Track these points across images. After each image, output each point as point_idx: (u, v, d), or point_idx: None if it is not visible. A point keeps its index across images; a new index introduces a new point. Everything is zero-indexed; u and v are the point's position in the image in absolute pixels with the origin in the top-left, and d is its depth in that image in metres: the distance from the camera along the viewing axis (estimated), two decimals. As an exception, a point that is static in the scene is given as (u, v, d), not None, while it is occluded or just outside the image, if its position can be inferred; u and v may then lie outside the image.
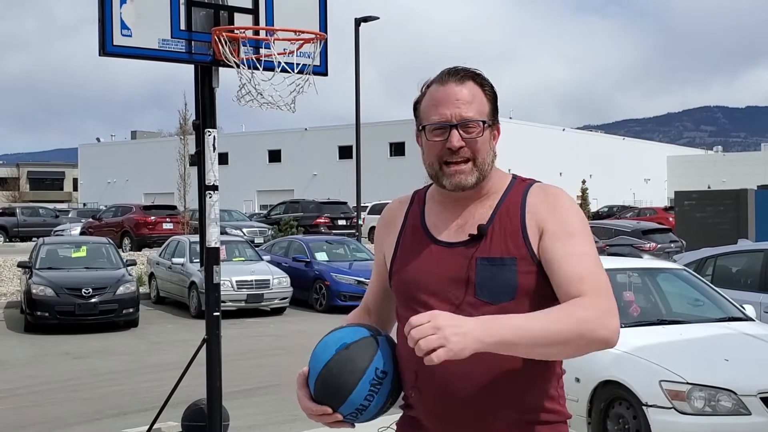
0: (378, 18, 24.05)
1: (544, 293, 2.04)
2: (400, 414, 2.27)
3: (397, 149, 55.78)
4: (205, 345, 5.49)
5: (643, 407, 5.61)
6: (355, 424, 2.14)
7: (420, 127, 2.13)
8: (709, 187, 44.57)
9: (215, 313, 5.41)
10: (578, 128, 75.74)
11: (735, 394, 5.46)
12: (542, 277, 2.04)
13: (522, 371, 2.03)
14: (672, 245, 20.03)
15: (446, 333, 1.77)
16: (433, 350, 1.77)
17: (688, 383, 5.52)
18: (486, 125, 2.08)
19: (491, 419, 2.04)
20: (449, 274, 2.08)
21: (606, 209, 45.18)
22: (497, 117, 2.15)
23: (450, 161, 2.07)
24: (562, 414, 2.13)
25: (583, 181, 41.28)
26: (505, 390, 2.03)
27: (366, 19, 23.65)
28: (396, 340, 2.17)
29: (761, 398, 5.46)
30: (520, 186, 2.16)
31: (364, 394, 2.06)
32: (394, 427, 2.30)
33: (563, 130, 60.84)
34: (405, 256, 2.18)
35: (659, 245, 19.96)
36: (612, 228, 21.99)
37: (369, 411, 2.08)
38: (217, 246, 5.33)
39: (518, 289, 2.03)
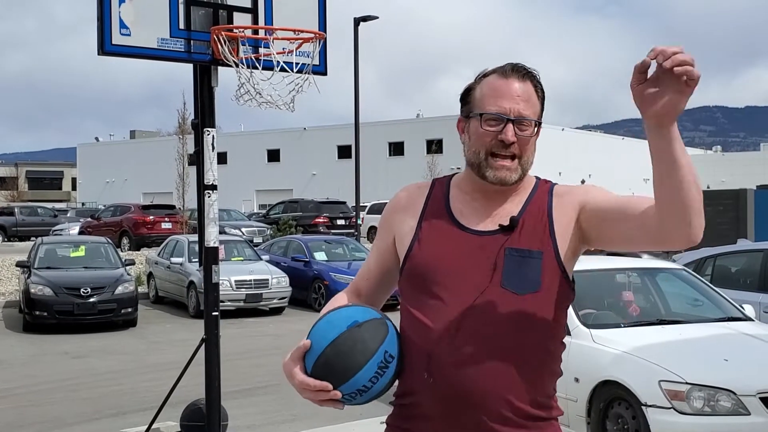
0: (377, 17, 24.05)
1: (563, 292, 2.11)
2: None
3: (396, 149, 55.78)
4: (203, 345, 5.49)
5: (643, 407, 5.61)
6: (345, 406, 2.09)
7: (471, 114, 2.14)
8: (708, 187, 44.56)
9: (214, 313, 5.41)
10: (577, 128, 75.81)
11: (734, 394, 5.46)
12: (563, 275, 2.10)
13: (533, 363, 2.06)
14: (671, 245, 20.02)
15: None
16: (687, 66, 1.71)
17: (687, 383, 5.52)
18: (537, 125, 2.12)
19: (499, 407, 2.04)
20: (475, 261, 2.08)
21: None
22: (541, 117, 2.19)
23: (498, 154, 2.09)
24: (557, 410, 2.17)
25: (583, 181, 41.31)
26: (516, 379, 2.04)
27: (365, 19, 23.64)
28: (401, 325, 2.16)
29: (760, 398, 5.46)
30: (545, 186, 2.21)
31: (370, 376, 2.02)
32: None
33: (562, 129, 60.85)
34: (428, 238, 2.15)
35: (658, 245, 19.96)
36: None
37: (368, 393, 2.05)
38: (216, 246, 5.32)
39: (543, 282, 2.06)
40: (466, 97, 2.18)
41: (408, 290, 2.18)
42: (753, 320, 6.98)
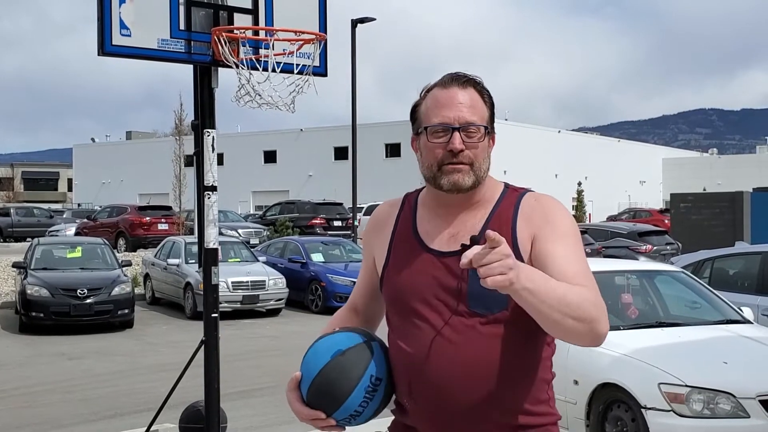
0: (375, 19, 24.05)
1: None
2: (392, 418, 2.26)
3: (393, 150, 55.75)
4: (203, 346, 5.47)
5: (642, 410, 5.60)
6: (346, 427, 2.15)
7: (419, 130, 2.13)
8: (704, 190, 44.65)
9: (213, 315, 5.39)
10: (574, 130, 75.84)
11: (734, 396, 5.46)
12: None
13: (514, 379, 2.06)
14: (668, 247, 20.05)
15: (510, 264, 1.77)
16: (493, 275, 1.77)
17: (686, 386, 5.51)
18: (486, 131, 2.10)
19: (485, 425, 2.06)
20: (442, 284, 2.08)
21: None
22: (494, 125, 2.16)
23: (449, 163, 2.07)
24: (552, 415, 2.16)
25: (579, 183, 41.35)
26: (498, 397, 2.04)
27: (363, 20, 23.65)
28: (388, 346, 2.17)
29: (760, 401, 5.45)
30: (513, 195, 2.16)
31: (359, 401, 2.07)
32: None
33: (559, 132, 60.87)
34: (397, 263, 2.16)
35: (655, 247, 19.98)
36: (608, 230, 21.99)
37: (363, 416, 2.10)
38: (215, 247, 5.30)
39: (510, 299, 1.98)
40: (414, 114, 2.17)
41: (389, 313, 2.22)
42: (751, 323, 6.98)
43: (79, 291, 13.25)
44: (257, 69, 5.04)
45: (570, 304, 1.87)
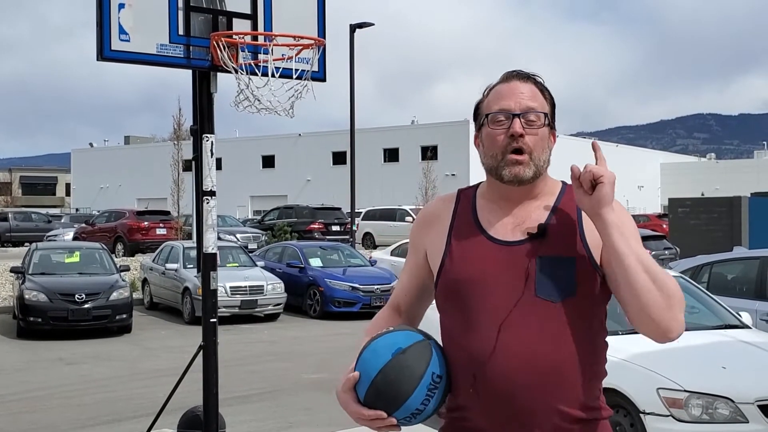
0: (373, 24, 24.08)
1: (601, 295, 2.10)
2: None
3: (391, 155, 55.78)
4: (201, 351, 5.46)
5: (641, 415, 5.60)
6: (402, 428, 2.12)
7: (482, 120, 2.16)
8: (702, 195, 44.69)
9: (212, 320, 5.38)
10: (572, 135, 75.88)
11: (732, 401, 5.46)
12: (600, 279, 2.08)
13: (579, 369, 2.05)
14: (666, 252, 20.05)
15: (611, 180, 2.00)
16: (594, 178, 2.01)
17: (685, 391, 5.51)
18: (546, 120, 2.13)
19: (550, 416, 2.04)
20: (508, 272, 2.07)
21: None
22: (555, 124, 2.19)
23: (512, 152, 2.09)
24: (607, 410, 2.16)
25: (577, 188, 41.30)
26: (564, 387, 2.03)
27: (361, 26, 23.67)
28: (443, 342, 2.16)
29: (758, 406, 5.46)
30: (572, 192, 2.17)
31: (421, 399, 2.04)
32: None
33: (557, 136, 60.93)
34: (459, 253, 2.14)
35: (653, 252, 19.95)
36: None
37: (423, 414, 2.07)
38: (214, 252, 5.31)
39: (578, 287, 2.04)
40: (476, 112, 2.20)
41: (445, 306, 2.18)
42: (750, 328, 6.98)
43: (77, 296, 13.23)
44: (256, 74, 5.05)
45: (651, 273, 1.97)
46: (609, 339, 2.18)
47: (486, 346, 2.04)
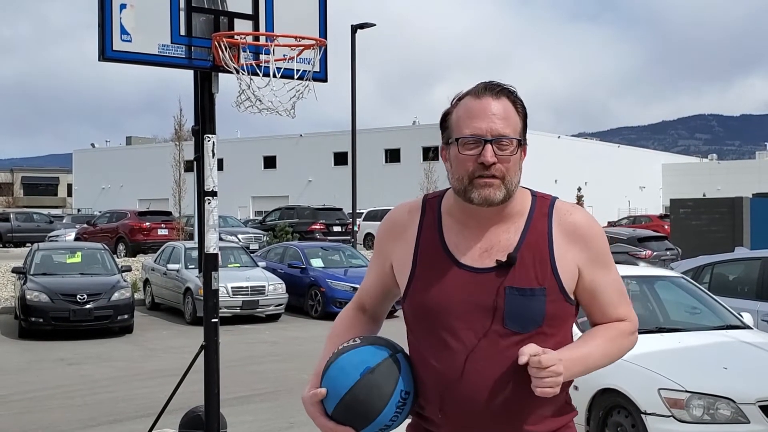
0: (374, 25, 24.09)
1: (565, 317, 2.12)
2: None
3: (393, 156, 55.81)
4: (203, 351, 5.47)
5: (642, 415, 5.60)
6: None
7: (450, 140, 2.07)
8: (704, 195, 44.68)
9: (213, 320, 5.39)
10: (573, 136, 75.88)
11: (734, 402, 5.45)
12: (566, 303, 2.09)
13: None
14: (668, 253, 20.04)
15: (559, 380, 1.96)
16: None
17: (687, 391, 5.51)
18: (519, 144, 2.05)
19: (512, 425, 2.07)
20: (476, 301, 2.04)
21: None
22: (526, 138, 2.11)
23: (481, 175, 2.01)
24: (572, 412, 2.21)
25: (578, 189, 41.37)
26: (531, 406, 2.06)
27: (362, 26, 23.68)
28: (412, 359, 2.15)
29: (760, 406, 5.45)
30: (543, 204, 2.13)
31: (390, 416, 2.06)
32: None
33: (558, 137, 60.90)
34: (426, 277, 2.10)
35: (655, 253, 19.96)
36: (608, 235, 21.88)
37: (392, 427, 2.11)
38: (216, 252, 5.31)
39: (546, 318, 2.04)
40: (444, 122, 2.11)
41: (413, 326, 2.17)
42: (751, 328, 6.97)
43: (78, 296, 13.24)
44: (257, 74, 5.05)
45: (603, 363, 2.13)
46: None
47: (454, 371, 2.04)
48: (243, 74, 5.04)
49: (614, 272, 2.15)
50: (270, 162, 61.41)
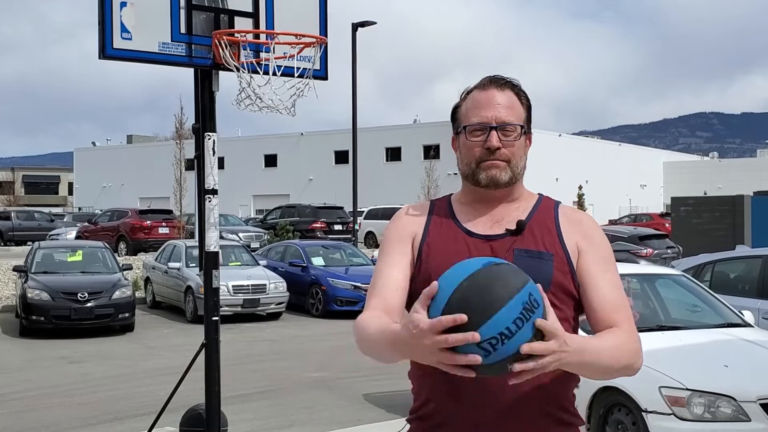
0: (375, 23, 24.08)
1: (571, 292, 2.12)
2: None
3: (393, 154, 55.78)
4: (203, 350, 5.47)
5: (643, 413, 5.60)
6: (479, 368, 1.69)
7: (459, 129, 2.20)
8: (705, 193, 44.65)
9: (214, 318, 5.39)
10: (574, 134, 75.85)
11: (735, 400, 5.45)
12: (572, 280, 2.12)
13: (559, 376, 2.05)
14: (669, 251, 20.02)
15: (560, 357, 1.78)
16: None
17: (687, 389, 5.51)
18: (522, 130, 2.16)
19: (532, 419, 2.05)
20: None
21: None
22: (530, 127, 2.23)
23: (487, 159, 2.13)
24: (580, 417, 2.19)
25: (580, 187, 41.30)
26: (542, 394, 2.05)
27: (363, 24, 23.67)
28: None
29: (761, 404, 5.45)
30: (549, 202, 2.24)
31: (514, 317, 1.65)
32: None
33: (559, 135, 60.85)
34: (436, 246, 2.15)
35: (656, 251, 19.94)
36: (609, 233, 21.95)
37: (509, 345, 1.65)
38: (216, 250, 5.31)
39: (552, 283, 2.07)
40: (454, 115, 2.24)
41: None
42: (752, 326, 6.97)
43: (79, 295, 13.25)
44: (258, 72, 5.05)
45: (611, 364, 2.00)
46: None
47: None
48: (243, 72, 5.04)
49: (614, 276, 2.14)
50: (271, 160, 61.40)
